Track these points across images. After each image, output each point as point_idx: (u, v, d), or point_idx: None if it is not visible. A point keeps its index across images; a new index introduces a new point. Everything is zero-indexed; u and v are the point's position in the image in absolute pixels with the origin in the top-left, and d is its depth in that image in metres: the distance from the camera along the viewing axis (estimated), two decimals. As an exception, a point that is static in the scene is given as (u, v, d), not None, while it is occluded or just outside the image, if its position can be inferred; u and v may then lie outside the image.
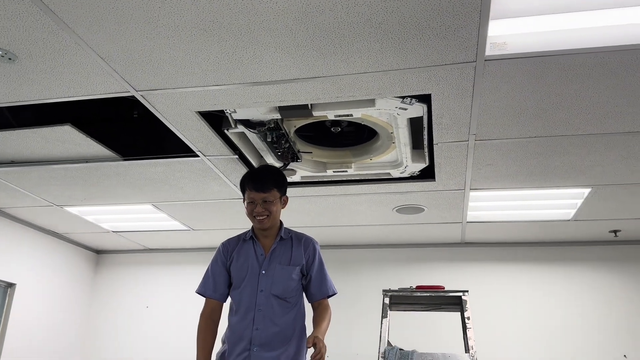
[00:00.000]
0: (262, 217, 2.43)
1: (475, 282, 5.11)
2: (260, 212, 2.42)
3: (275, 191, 2.45)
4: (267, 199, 2.42)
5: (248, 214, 2.48)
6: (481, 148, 3.10)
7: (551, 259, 5.10)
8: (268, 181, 2.43)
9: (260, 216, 2.43)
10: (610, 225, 4.54)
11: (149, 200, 4.26)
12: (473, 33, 2.06)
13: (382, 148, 3.33)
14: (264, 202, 2.42)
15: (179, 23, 2.07)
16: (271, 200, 2.43)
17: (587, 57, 2.21)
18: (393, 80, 2.43)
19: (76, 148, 3.32)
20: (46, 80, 2.52)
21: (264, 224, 2.45)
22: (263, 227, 2.47)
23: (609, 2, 1.92)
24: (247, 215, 2.48)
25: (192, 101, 2.69)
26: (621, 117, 2.68)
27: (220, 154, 3.33)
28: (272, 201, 2.44)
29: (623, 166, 3.27)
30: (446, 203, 4.11)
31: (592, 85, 2.42)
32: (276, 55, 2.27)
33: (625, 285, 4.91)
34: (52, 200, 4.33)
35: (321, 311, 2.50)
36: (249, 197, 2.43)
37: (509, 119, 2.75)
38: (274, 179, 2.47)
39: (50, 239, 5.39)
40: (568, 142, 2.99)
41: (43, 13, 2.02)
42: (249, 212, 2.45)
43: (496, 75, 2.35)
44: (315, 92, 2.56)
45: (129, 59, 2.32)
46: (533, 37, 2.11)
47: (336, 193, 3.99)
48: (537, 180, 3.57)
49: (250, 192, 2.42)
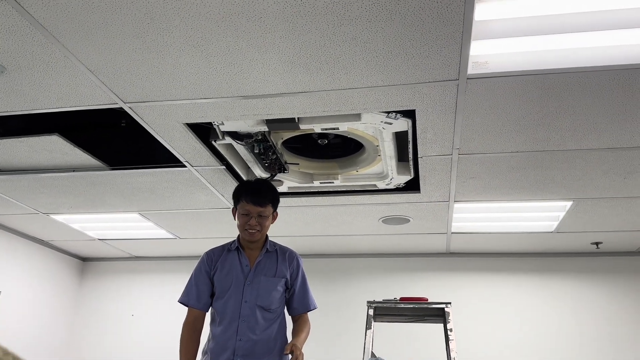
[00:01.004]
0: (254, 230, 2.47)
1: (460, 292, 5.17)
2: (254, 226, 2.46)
3: (270, 207, 2.50)
4: (262, 214, 2.47)
5: (240, 225, 2.51)
6: (465, 162, 3.16)
7: (534, 270, 5.17)
8: (267, 196, 2.48)
9: (253, 229, 2.46)
10: (592, 237, 4.61)
11: (136, 209, 4.27)
12: (455, 52, 2.11)
13: (368, 160, 3.37)
14: (259, 216, 2.47)
15: (167, 38, 2.10)
16: (266, 215, 2.48)
17: (566, 76, 2.27)
18: (378, 96, 2.48)
19: (64, 157, 3.33)
20: (34, 92, 2.54)
21: (254, 237, 2.49)
22: (253, 240, 2.51)
23: (587, 25, 1.98)
24: (239, 226, 2.51)
25: (180, 113, 2.71)
26: (600, 133, 2.75)
27: (208, 165, 3.35)
28: (266, 216, 2.49)
29: (603, 180, 3.34)
30: (431, 214, 4.17)
31: (572, 104, 2.48)
32: (263, 71, 2.31)
33: (607, 296, 4.99)
34: (38, 208, 4.32)
35: (301, 323, 2.55)
36: (245, 209, 2.47)
37: (492, 134, 2.81)
38: (271, 195, 2.52)
39: (35, 246, 5.36)
40: (549, 157, 3.05)
41: (32, 27, 2.05)
42: (242, 224, 2.49)
43: (478, 92, 2.40)
44: (302, 106, 2.60)
45: (117, 71, 2.34)
46: (514, 57, 2.17)
47: (323, 204, 4.03)
48: (520, 193, 3.64)
49: (246, 205, 2.46)
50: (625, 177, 3.27)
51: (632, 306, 4.91)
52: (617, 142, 2.83)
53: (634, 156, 2.98)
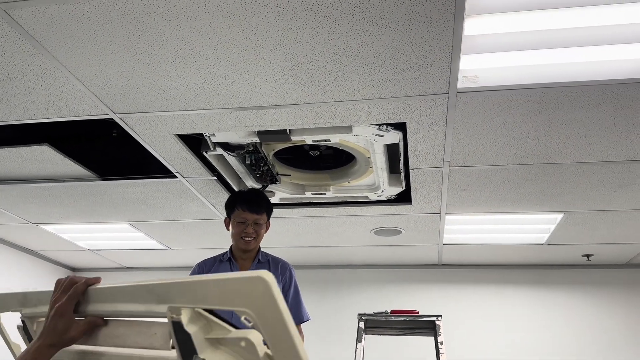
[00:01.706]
0: (250, 238, 2.47)
1: (451, 303, 5.17)
2: (250, 233, 2.48)
3: (265, 215, 2.53)
4: (258, 221, 2.49)
5: (235, 234, 2.51)
6: (456, 174, 3.17)
7: (526, 282, 5.17)
8: (262, 204, 2.52)
9: (249, 237, 2.47)
10: (583, 249, 4.63)
11: (127, 220, 4.25)
12: (445, 67, 2.12)
13: (360, 172, 3.37)
14: (255, 224, 2.49)
15: (158, 50, 2.10)
16: (262, 223, 2.51)
17: (556, 90, 2.29)
18: (369, 108, 2.49)
19: (54, 167, 3.31)
20: (25, 102, 2.53)
21: (249, 245, 2.49)
22: (248, 248, 2.51)
23: (576, 41, 2.00)
24: (234, 235, 2.52)
25: (170, 124, 2.71)
26: (590, 147, 2.77)
27: (199, 176, 3.34)
28: (262, 224, 2.51)
29: (594, 193, 3.36)
30: (423, 226, 4.17)
31: (561, 118, 2.50)
32: (255, 83, 2.31)
33: (598, 307, 5.00)
34: (28, 218, 4.29)
35: None
36: (241, 217, 2.48)
37: (482, 147, 2.82)
38: (266, 204, 2.55)
39: (25, 256, 5.32)
40: (540, 170, 3.06)
41: (22, 38, 2.04)
42: (238, 232, 2.49)
43: (468, 106, 2.42)
44: (293, 118, 2.60)
45: (108, 82, 2.34)
46: (503, 72, 2.18)
47: (315, 215, 4.02)
48: (511, 206, 3.65)
49: (243, 213, 2.48)
50: (615, 190, 3.29)
51: (622, 318, 4.92)
52: (606, 155, 2.85)
53: (623, 170, 3.00)
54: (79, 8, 1.87)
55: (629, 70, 2.14)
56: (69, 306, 1.00)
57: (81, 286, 1.00)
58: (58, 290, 1.02)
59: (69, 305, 1.00)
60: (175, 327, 0.79)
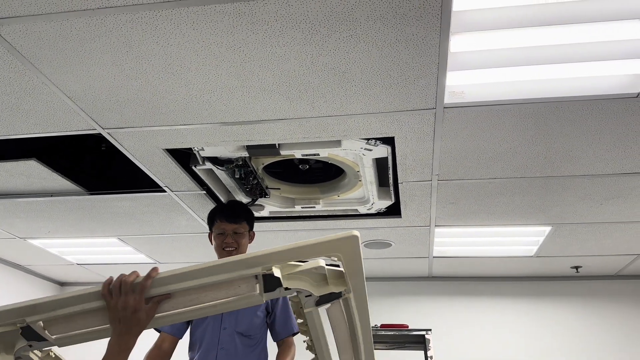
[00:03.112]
0: (231, 248, 2.45)
1: (441, 315, 5.17)
2: (230, 243, 2.45)
3: (245, 224, 2.50)
4: (237, 231, 2.46)
5: (216, 247, 2.49)
6: (444, 187, 3.18)
7: (515, 294, 5.19)
8: (240, 213, 2.50)
9: (230, 247, 2.45)
10: (572, 261, 4.66)
11: (115, 234, 4.22)
12: (432, 83, 2.14)
13: (349, 185, 3.38)
14: (235, 233, 2.46)
15: (146, 66, 2.10)
16: (241, 232, 2.48)
17: (541, 106, 2.31)
18: (357, 123, 2.50)
19: (41, 182, 3.29)
20: (12, 118, 2.51)
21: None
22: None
23: (562, 57, 2.03)
24: (216, 247, 2.50)
25: (159, 139, 2.70)
26: (576, 161, 2.80)
27: (188, 190, 3.33)
28: (242, 233, 2.48)
29: (581, 206, 3.39)
30: (413, 239, 4.17)
31: (547, 132, 2.52)
32: (243, 98, 2.32)
33: (587, 318, 5.02)
34: (15, 233, 4.24)
35: (285, 349, 2.51)
36: (220, 228, 2.46)
37: (469, 161, 2.84)
38: (245, 212, 2.53)
39: (12, 271, 5.26)
40: (527, 184, 3.09)
41: (9, 54, 2.04)
42: (218, 244, 2.48)
43: (455, 121, 2.44)
44: (282, 133, 2.61)
45: (96, 98, 2.34)
46: (490, 88, 2.21)
47: (305, 228, 4.02)
48: (500, 219, 3.67)
49: (221, 223, 2.46)
50: (602, 203, 3.32)
51: (611, 329, 4.94)
52: (592, 169, 2.88)
53: (610, 183, 3.03)
54: (66, 25, 1.87)
55: (613, 86, 2.18)
56: (142, 301, 1.18)
57: (148, 282, 1.19)
58: (119, 293, 1.18)
59: (141, 301, 1.18)
60: (266, 277, 1.21)
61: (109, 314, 1.20)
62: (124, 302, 1.18)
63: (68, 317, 1.23)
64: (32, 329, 1.23)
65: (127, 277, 1.21)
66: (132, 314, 1.17)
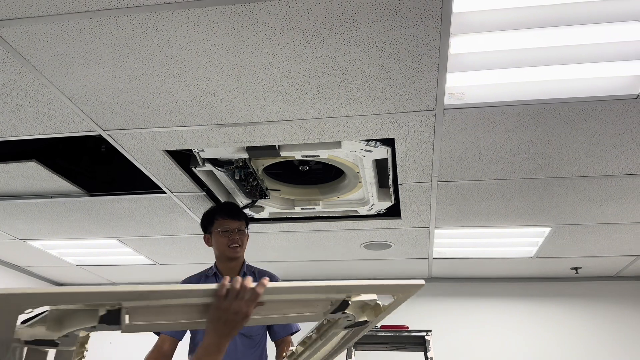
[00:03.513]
0: (237, 245, 2.49)
1: (441, 316, 5.17)
2: (236, 240, 2.50)
3: (245, 223, 2.54)
4: (240, 228, 2.52)
5: (221, 244, 2.52)
6: (444, 189, 3.19)
7: (515, 295, 5.19)
8: (241, 212, 2.59)
9: (236, 244, 2.48)
10: (571, 262, 4.66)
11: (115, 235, 4.22)
12: (432, 84, 2.15)
13: (349, 187, 3.38)
14: (239, 230, 2.51)
15: (146, 67, 2.10)
16: (243, 229, 2.53)
17: (541, 107, 2.32)
18: (357, 125, 2.50)
19: (41, 184, 3.29)
20: (12, 119, 2.51)
21: (237, 253, 2.50)
22: (236, 256, 2.51)
23: (561, 58, 2.03)
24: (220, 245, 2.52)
25: (159, 140, 2.70)
26: (575, 162, 2.80)
27: (188, 191, 3.34)
28: (244, 231, 2.53)
29: (581, 207, 3.39)
30: (412, 240, 4.18)
31: (546, 133, 2.53)
32: (244, 99, 2.32)
33: (587, 319, 5.03)
34: (15, 234, 4.24)
35: (284, 348, 2.51)
36: (224, 226, 2.50)
37: (469, 162, 2.84)
38: (243, 213, 2.59)
39: (12, 272, 5.25)
40: (527, 185, 3.09)
41: (11, 56, 2.04)
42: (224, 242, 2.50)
43: (455, 122, 2.44)
44: (282, 134, 2.61)
45: (96, 99, 2.34)
46: (489, 89, 2.21)
47: (304, 229, 4.02)
48: (499, 220, 3.67)
49: (225, 221, 2.50)
50: (602, 205, 3.32)
51: (611, 330, 4.95)
52: (592, 170, 2.88)
53: (609, 184, 3.04)
54: (67, 26, 1.87)
55: (613, 87, 2.18)
56: (252, 309, 1.22)
57: (262, 290, 1.23)
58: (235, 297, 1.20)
59: (252, 309, 1.22)
60: (343, 302, 1.36)
61: (215, 313, 1.20)
62: (238, 306, 1.19)
63: (160, 307, 1.17)
64: (114, 313, 1.14)
65: (247, 283, 1.21)
66: (241, 319, 1.20)
